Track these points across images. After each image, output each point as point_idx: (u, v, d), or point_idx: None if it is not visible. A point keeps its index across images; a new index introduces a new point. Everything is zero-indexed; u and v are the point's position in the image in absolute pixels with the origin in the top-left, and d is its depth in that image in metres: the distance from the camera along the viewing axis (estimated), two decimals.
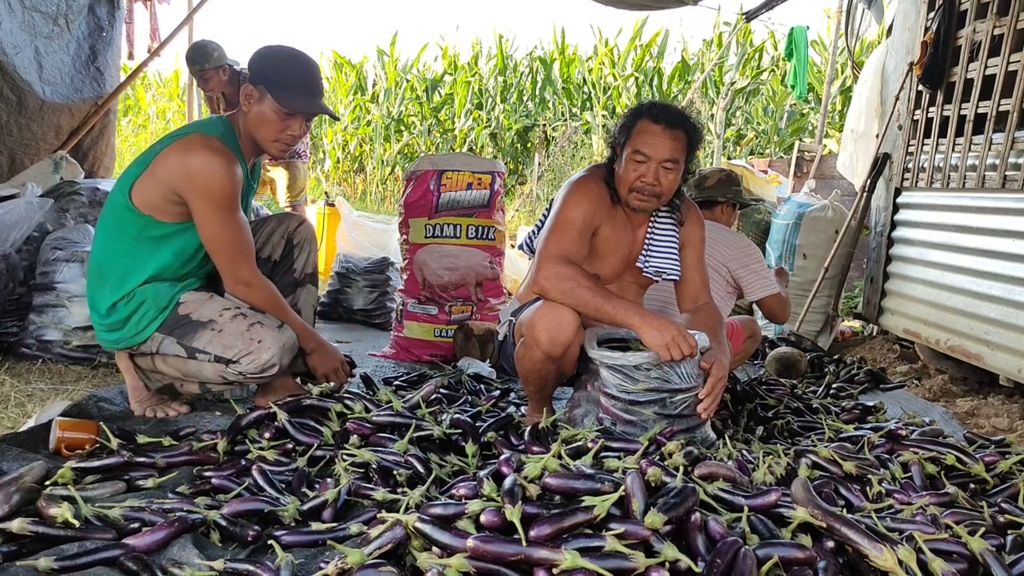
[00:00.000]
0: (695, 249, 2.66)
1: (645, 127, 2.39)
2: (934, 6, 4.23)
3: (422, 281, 3.85)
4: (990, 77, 3.74)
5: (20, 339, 3.19)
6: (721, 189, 3.53)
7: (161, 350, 2.40)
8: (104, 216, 2.48)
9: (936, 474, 2.10)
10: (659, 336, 2.17)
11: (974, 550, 1.50)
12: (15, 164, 4.10)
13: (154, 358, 2.45)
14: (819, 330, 4.86)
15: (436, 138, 13.42)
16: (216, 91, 5.17)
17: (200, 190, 2.32)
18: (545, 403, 2.54)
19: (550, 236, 2.43)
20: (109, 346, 2.50)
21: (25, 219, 3.28)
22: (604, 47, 13.39)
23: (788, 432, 2.65)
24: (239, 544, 1.61)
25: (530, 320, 2.38)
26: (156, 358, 2.44)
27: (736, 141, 12.17)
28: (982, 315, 3.55)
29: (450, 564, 1.34)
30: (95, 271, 2.46)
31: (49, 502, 1.55)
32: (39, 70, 4.10)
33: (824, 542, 1.49)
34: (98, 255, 2.45)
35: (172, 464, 1.98)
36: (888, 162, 4.74)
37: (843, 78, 10.57)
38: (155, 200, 2.37)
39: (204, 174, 2.31)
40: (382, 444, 2.10)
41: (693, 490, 1.52)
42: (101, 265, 2.43)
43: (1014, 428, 3.03)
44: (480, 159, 4.04)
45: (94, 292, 2.45)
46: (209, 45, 4.99)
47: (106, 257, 2.43)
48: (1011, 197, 3.47)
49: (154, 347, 2.41)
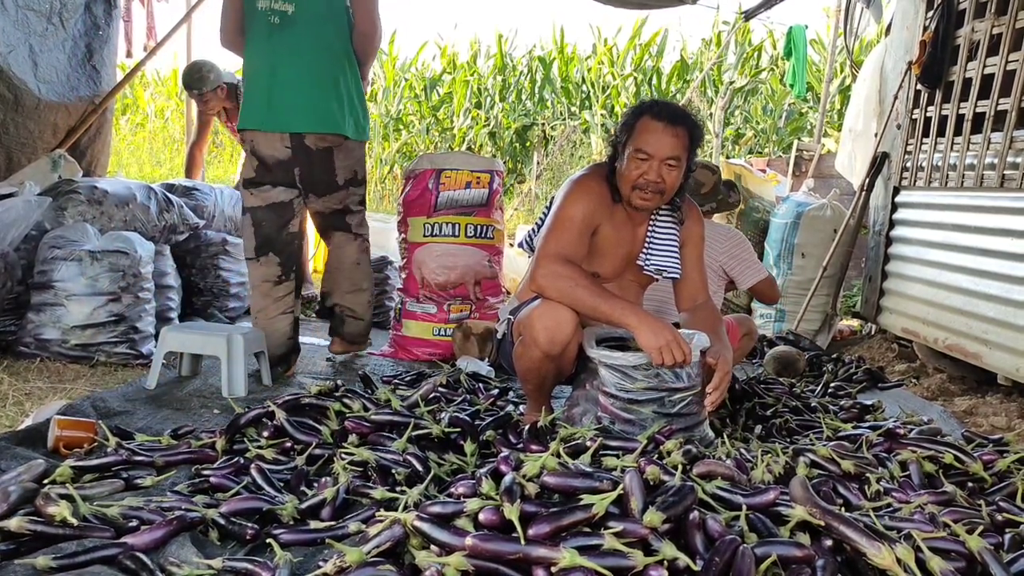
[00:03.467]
0: (695, 247, 2.66)
1: (647, 125, 2.39)
2: (933, 5, 4.23)
3: (421, 280, 3.85)
4: (988, 76, 3.74)
5: (18, 338, 3.19)
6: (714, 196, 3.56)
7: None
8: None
9: (934, 473, 2.10)
10: (654, 338, 2.17)
11: (972, 548, 1.50)
12: (12, 163, 4.09)
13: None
14: (818, 329, 4.87)
15: (435, 137, 13.39)
16: (216, 110, 5.17)
17: None
18: (544, 402, 2.54)
19: (549, 235, 2.43)
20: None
21: (23, 217, 3.27)
22: (603, 46, 13.37)
23: (786, 431, 2.66)
24: (238, 542, 1.61)
25: (528, 319, 2.38)
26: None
27: (735, 140, 12.17)
28: (980, 314, 3.55)
29: (449, 563, 1.33)
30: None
31: (47, 500, 1.55)
32: (34, 68, 4.09)
33: (822, 541, 1.49)
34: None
35: (171, 462, 1.98)
36: (887, 161, 4.74)
37: (842, 77, 10.57)
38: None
39: None
40: (381, 443, 2.10)
41: (692, 489, 1.52)
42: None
43: (1012, 427, 3.03)
44: (479, 158, 4.04)
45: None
46: (204, 67, 4.96)
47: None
48: (1009, 196, 3.48)
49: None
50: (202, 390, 2.92)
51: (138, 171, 10.53)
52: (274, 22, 3.11)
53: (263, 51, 3.15)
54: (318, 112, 3.14)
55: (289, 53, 3.12)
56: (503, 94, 13.62)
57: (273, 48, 3.13)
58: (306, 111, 3.13)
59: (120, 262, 3.28)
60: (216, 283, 4.28)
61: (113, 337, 3.21)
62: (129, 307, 3.27)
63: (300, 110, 3.12)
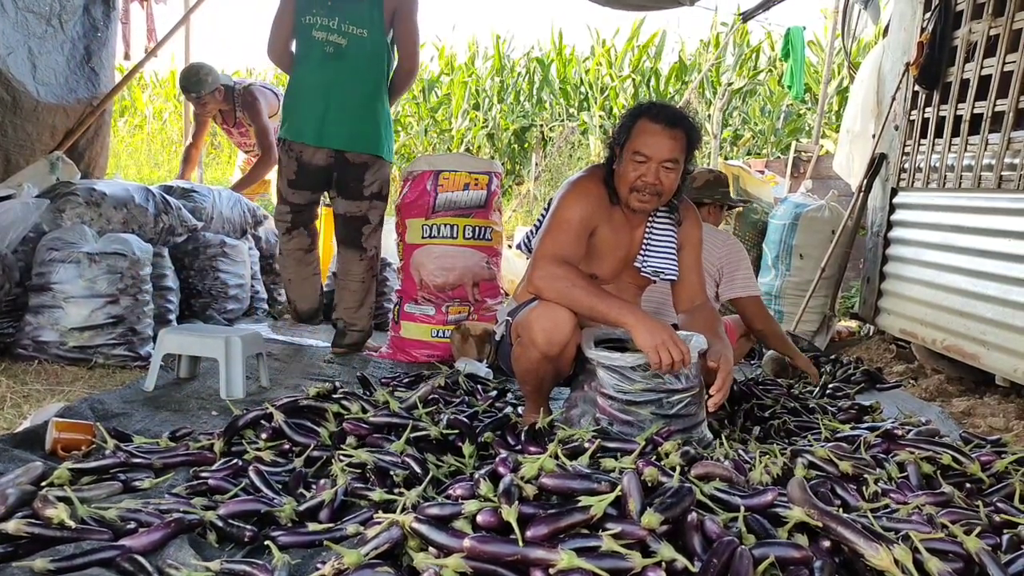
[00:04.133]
0: (693, 250, 2.67)
1: (645, 127, 2.39)
2: (930, 7, 4.24)
3: (419, 282, 3.85)
4: (986, 77, 3.75)
5: (16, 340, 3.18)
6: (708, 191, 3.56)
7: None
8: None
9: (932, 474, 2.10)
10: (651, 338, 2.17)
11: (970, 549, 1.51)
12: (10, 165, 4.08)
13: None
14: (816, 330, 4.87)
15: (433, 138, 13.39)
16: (213, 112, 5.19)
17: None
18: (542, 403, 2.54)
19: (546, 236, 2.43)
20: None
21: (21, 219, 3.27)
22: (601, 47, 13.38)
23: (784, 432, 2.66)
24: (236, 544, 1.61)
25: (526, 320, 2.38)
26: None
27: (733, 141, 12.18)
28: (978, 315, 3.55)
29: (447, 564, 1.33)
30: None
31: (45, 503, 1.55)
32: (33, 70, 4.09)
33: (820, 542, 1.50)
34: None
35: (169, 464, 1.98)
36: (884, 162, 4.75)
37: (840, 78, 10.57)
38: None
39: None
40: (379, 445, 2.10)
41: (690, 490, 1.52)
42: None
43: (1010, 428, 3.04)
44: (477, 159, 4.04)
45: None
46: (202, 70, 4.98)
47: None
48: (1007, 197, 3.48)
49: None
50: (200, 392, 2.92)
51: (136, 173, 10.53)
52: (328, 51, 3.59)
53: (316, 75, 3.64)
54: (362, 135, 3.67)
55: (339, 81, 3.61)
56: (501, 95, 13.62)
57: (326, 74, 3.62)
58: (352, 133, 3.65)
59: (118, 264, 3.28)
60: (214, 285, 4.27)
61: (111, 339, 3.21)
62: (127, 309, 3.27)
63: (347, 131, 3.64)
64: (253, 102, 5.04)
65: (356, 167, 3.68)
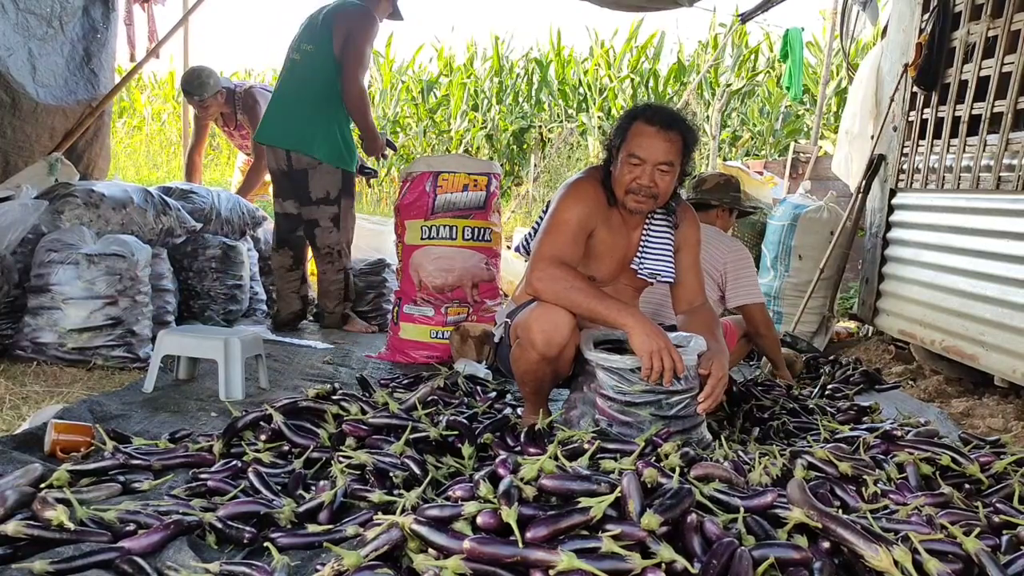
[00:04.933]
0: (691, 251, 2.67)
1: (640, 130, 2.40)
2: (929, 8, 4.25)
3: (418, 283, 3.85)
4: (984, 79, 3.75)
5: (15, 341, 3.18)
6: (718, 193, 3.56)
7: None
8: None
9: (931, 475, 2.10)
10: (647, 342, 2.17)
11: (969, 550, 1.51)
12: (9, 166, 4.09)
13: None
14: (815, 331, 4.87)
15: (432, 139, 13.39)
16: (214, 115, 5.20)
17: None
18: (541, 404, 2.54)
19: (545, 237, 2.43)
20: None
21: (20, 221, 3.27)
22: (600, 49, 13.40)
23: (784, 433, 2.66)
24: (235, 546, 1.61)
25: (525, 321, 2.38)
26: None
27: (732, 142, 12.19)
28: (977, 316, 3.56)
29: (446, 566, 1.33)
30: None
31: (44, 505, 1.55)
32: (32, 72, 4.09)
33: (820, 543, 1.50)
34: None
35: (168, 466, 1.98)
36: (883, 163, 4.75)
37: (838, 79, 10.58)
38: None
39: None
40: (378, 446, 2.10)
41: (689, 491, 1.52)
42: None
43: (1009, 428, 3.03)
44: (476, 160, 4.04)
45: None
46: (204, 73, 5.00)
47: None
48: (1005, 198, 3.48)
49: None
50: (199, 393, 2.92)
51: (135, 174, 10.53)
52: (288, 66, 4.25)
53: (280, 86, 4.28)
54: (304, 137, 4.09)
55: (291, 89, 4.17)
56: (500, 96, 13.63)
57: (284, 84, 4.24)
58: (293, 134, 4.10)
59: (117, 265, 3.28)
60: (213, 286, 4.27)
61: (110, 340, 3.21)
62: (126, 310, 3.27)
63: (287, 133, 4.12)
64: (254, 105, 5.06)
65: (299, 172, 4.14)
